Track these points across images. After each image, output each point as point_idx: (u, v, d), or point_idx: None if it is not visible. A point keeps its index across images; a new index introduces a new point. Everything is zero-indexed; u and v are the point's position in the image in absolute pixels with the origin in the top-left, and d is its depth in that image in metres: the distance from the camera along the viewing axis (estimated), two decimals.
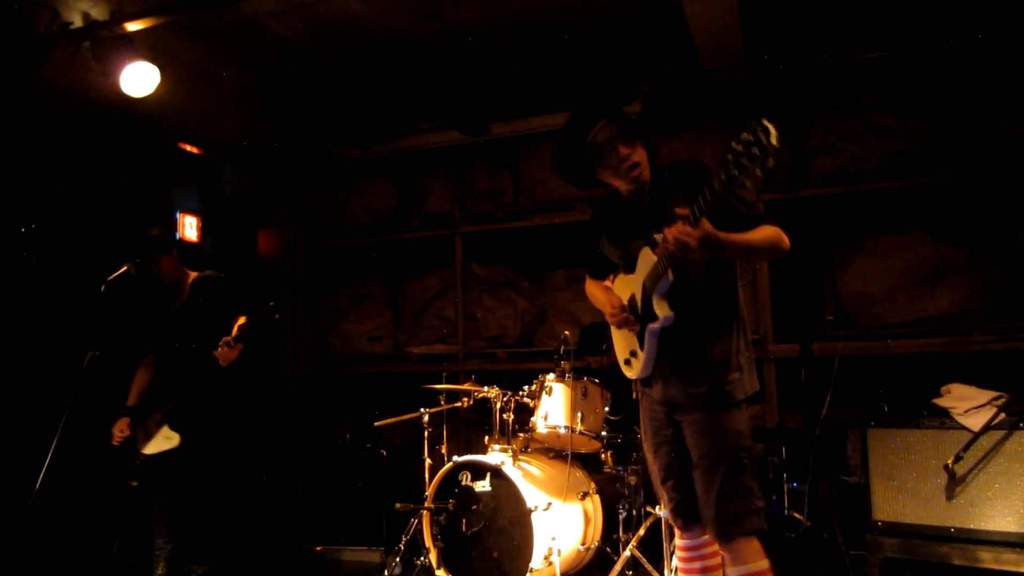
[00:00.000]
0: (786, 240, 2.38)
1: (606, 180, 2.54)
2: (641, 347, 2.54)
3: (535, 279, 5.94)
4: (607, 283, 2.83)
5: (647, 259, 2.45)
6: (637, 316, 2.53)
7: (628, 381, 2.76)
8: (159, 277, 3.93)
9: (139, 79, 4.14)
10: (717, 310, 2.48)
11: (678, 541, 2.66)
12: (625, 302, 2.60)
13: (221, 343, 3.66)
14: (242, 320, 3.75)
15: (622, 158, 2.43)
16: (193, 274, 4.05)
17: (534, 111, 5.46)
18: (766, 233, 2.35)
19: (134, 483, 3.74)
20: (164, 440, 3.73)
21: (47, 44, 3.96)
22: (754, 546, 2.40)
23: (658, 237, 2.33)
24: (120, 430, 3.80)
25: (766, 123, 1.86)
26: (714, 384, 2.42)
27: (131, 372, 3.99)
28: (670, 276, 2.37)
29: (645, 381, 2.61)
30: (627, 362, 2.67)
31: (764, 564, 2.40)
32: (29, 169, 4.23)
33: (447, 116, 5.62)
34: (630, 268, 2.57)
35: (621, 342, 2.71)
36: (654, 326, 2.46)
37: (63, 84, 4.24)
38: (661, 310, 2.42)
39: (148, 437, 3.77)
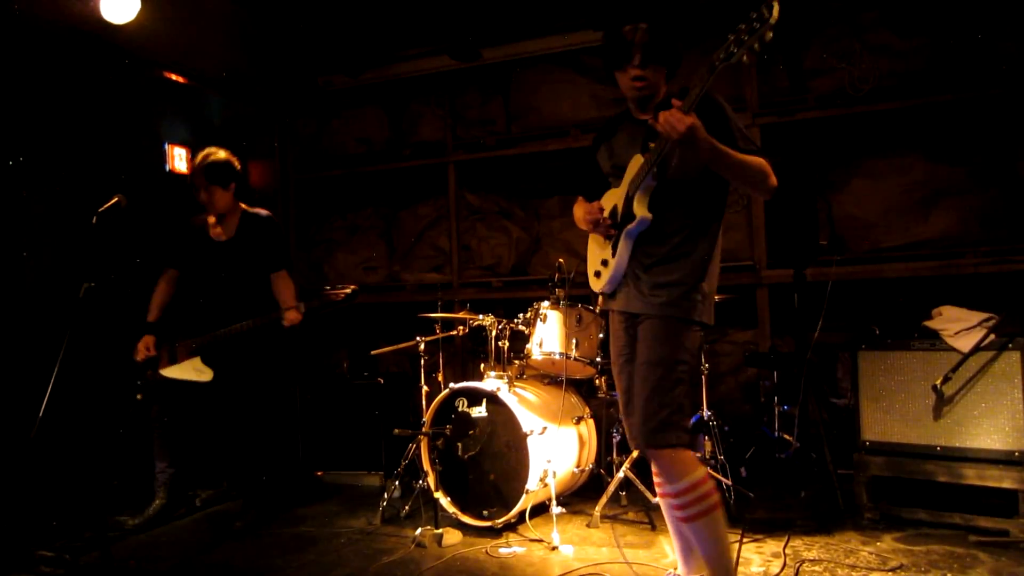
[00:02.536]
0: (773, 178, 2.36)
1: (619, 83, 2.52)
2: (613, 254, 2.54)
3: (529, 207, 5.91)
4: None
5: (636, 165, 2.45)
6: (615, 224, 2.53)
7: None
8: (207, 207, 3.90)
9: (119, 4, 4.03)
10: (695, 226, 2.48)
11: (653, 466, 2.62)
12: (607, 212, 2.59)
13: (292, 306, 3.71)
14: (286, 288, 3.83)
15: (634, 64, 2.42)
16: (244, 207, 4.02)
17: (526, 35, 5.32)
18: (756, 160, 2.34)
19: (139, 396, 3.80)
20: (194, 371, 3.77)
21: None
22: (686, 457, 2.39)
23: (652, 145, 2.32)
24: (146, 347, 3.82)
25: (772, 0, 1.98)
26: (674, 296, 2.43)
27: (151, 286, 4.00)
28: (654, 173, 2.38)
29: (611, 294, 2.63)
30: (597, 273, 2.67)
31: (700, 472, 2.39)
32: (13, 101, 4.14)
33: (437, 41, 5.48)
34: (619, 178, 2.56)
35: (595, 253, 2.70)
36: (631, 227, 2.46)
37: (40, 10, 4.11)
38: (640, 209, 2.43)
39: (172, 360, 3.80)
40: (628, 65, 2.42)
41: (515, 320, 4.14)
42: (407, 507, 4.03)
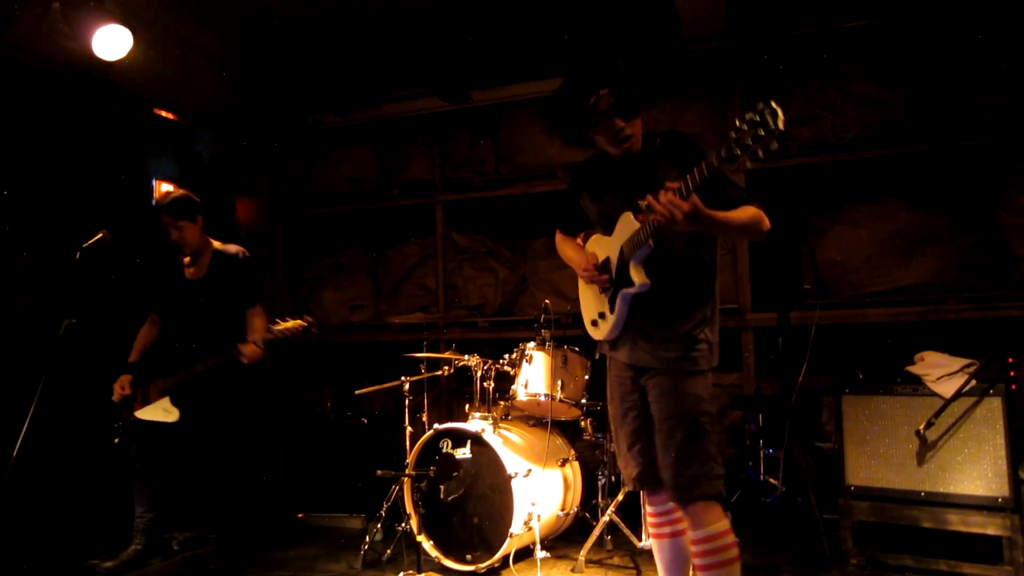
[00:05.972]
0: (767, 222, 2.41)
1: (598, 144, 2.55)
2: (611, 310, 2.56)
3: (516, 248, 5.93)
4: (578, 241, 2.87)
5: (627, 224, 2.47)
6: (611, 279, 2.56)
7: None
8: (180, 246, 3.88)
9: (111, 42, 4.05)
10: (693, 282, 2.51)
11: (648, 508, 2.69)
12: (599, 262, 2.62)
13: (251, 341, 3.68)
14: (258, 324, 3.77)
15: (617, 129, 2.45)
16: (216, 244, 4.00)
17: (515, 78, 5.41)
18: (749, 213, 2.38)
19: (117, 440, 3.74)
20: (162, 412, 3.71)
21: (15, 4, 3.85)
22: (714, 509, 2.44)
23: (642, 204, 2.33)
24: (121, 387, 3.78)
25: (774, 105, 1.92)
26: (682, 351, 2.46)
27: (135, 324, 3.99)
28: (651, 244, 2.39)
29: (612, 343, 2.65)
30: (594, 323, 2.69)
31: (724, 525, 2.44)
32: None
33: (427, 83, 5.56)
34: (607, 229, 2.59)
35: (590, 302, 2.73)
36: (628, 291, 2.48)
37: (33, 47, 4.13)
38: (638, 277, 2.44)
39: (145, 402, 3.75)
40: (609, 126, 2.44)
41: (500, 361, 4.13)
42: (389, 551, 3.96)
